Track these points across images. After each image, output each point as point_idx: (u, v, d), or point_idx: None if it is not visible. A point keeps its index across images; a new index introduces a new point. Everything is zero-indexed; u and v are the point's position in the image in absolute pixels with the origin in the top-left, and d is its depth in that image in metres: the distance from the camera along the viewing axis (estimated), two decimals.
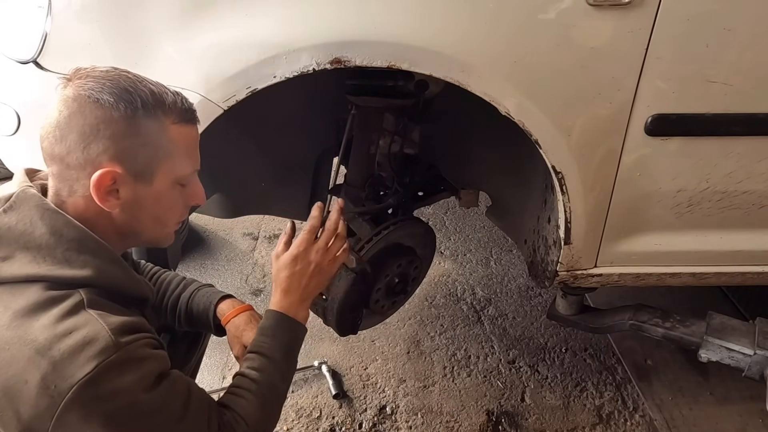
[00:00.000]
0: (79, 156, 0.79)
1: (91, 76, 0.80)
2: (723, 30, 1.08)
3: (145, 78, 0.85)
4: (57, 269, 0.78)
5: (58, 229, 0.79)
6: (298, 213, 1.80)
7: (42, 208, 0.80)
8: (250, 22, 1.07)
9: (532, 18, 1.06)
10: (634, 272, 1.43)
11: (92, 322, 0.75)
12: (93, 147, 0.79)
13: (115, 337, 0.74)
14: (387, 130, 1.52)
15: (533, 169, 1.43)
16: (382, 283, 1.50)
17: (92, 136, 0.78)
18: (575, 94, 1.13)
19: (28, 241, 0.78)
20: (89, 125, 0.78)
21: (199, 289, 1.23)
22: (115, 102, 0.79)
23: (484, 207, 1.97)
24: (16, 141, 1.26)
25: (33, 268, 0.77)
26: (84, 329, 0.73)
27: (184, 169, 0.89)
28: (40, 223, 0.79)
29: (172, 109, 0.84)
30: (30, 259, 0.78)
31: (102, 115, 0.78)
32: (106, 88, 0.79)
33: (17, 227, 0.79)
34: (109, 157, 0.80)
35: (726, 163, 1.24)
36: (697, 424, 1.81)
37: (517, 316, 2.27)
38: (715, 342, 1.53)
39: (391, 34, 1.06)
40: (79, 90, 0.78)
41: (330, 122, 1.60)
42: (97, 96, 0.78)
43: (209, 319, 1.18)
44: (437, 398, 1.89)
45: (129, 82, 0.81)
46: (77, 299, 0.77)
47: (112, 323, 0.76)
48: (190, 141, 0.89)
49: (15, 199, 0.81)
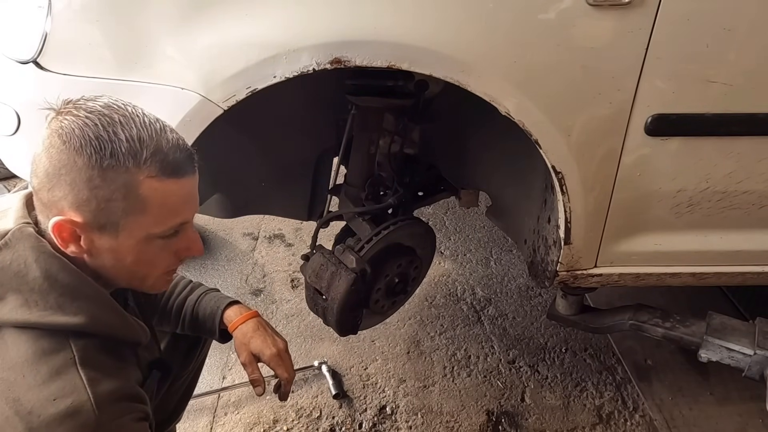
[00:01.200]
0: (45, 195, 0.76)
1: (72, 113, 0.74)
2: (723, 30, 1.08)
3: (141, 117, 0.77)
4: (49, 316, 0.74)
5: (52, 273, 0.76)
6: (298, 213, 1.80)
7: (38, 250, 0.76)
8: (250, 22, 1.07)
9: (532, 18, 1.06)
10: (634, 272, 1.43)
11: (79, 391, 0.72)
12: (56, 190, 0.74)
13: (99, 413, 0.72)
14: (387, 130, 1.52)
15: (533, 169, 1.43)
16: (382, 283, 1.50)
17: (55, 179, 0.74)
18: (575, 94, 1.13)
19: (21, 284, 0.75)
20: (53, 167, 0.73)
21: (206, 293, 1.22)
22: (80, 147, 0.72)
23: (484, 207, 1.97)
24: (16, 141, 1.26)
25: (24, 314, 0.74)
26: (69, 398, 0.71)
27: (159, 226, 0.81)
28: (34, 265, 0.75)
29: (152, 161, 0.76)
30: (22, 302, 0.74)
31: (65, 160, 0.73)
32: (78, 130, 0.72)
33: (11, 267, 0.75)
34: (68, 204, 0.75)
35: (726, 163, 1.24)
36: (697, 424, 1.81)
37: (517, 316, 2.27)
38: (715, 342, 1.53)
39: (391, 34, 1.06)
40: (54, 126, 0.74)
41: (330, 122, 1.60)
42: (65, 138, 0.72)
43: (214, 324, 1.17)
44: (437, 398, 1.89)
45: (108, 126, 0.74)
46: (68, 356, 0.74)
47: (100, 394, 0.73)
48: (170, 196, 0.79)
49: (11, 237, 0.77)
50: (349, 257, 1.39)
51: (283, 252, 2.65)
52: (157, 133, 0.77)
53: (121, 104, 0.77)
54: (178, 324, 1.21)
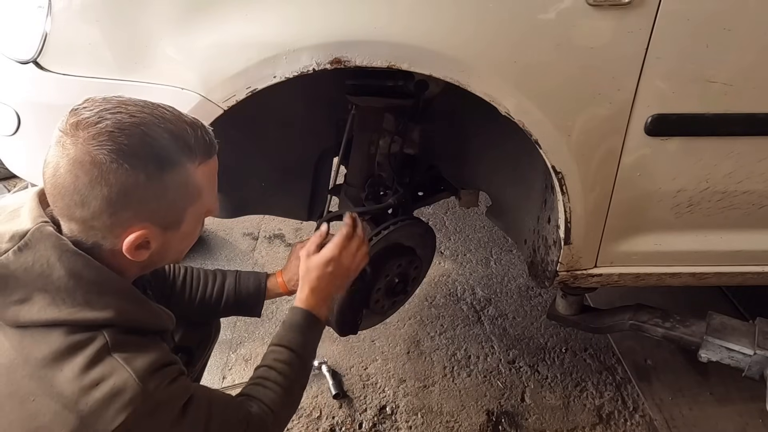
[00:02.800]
0: (106, 220, 0.75)
1: (104, 132, 0.71)
2: (723, 30, 1.08)
3: (160, 110, 0.77)
4: (77, 312, 0.75)
5: (77, 271, 0.76)
6: (298, 213, 1.80)
7: (60, 249, 0.76)
8: (250, 23, 1.06)
9: (532, 18, 1.06)
10: (634, 272, 1.43)
11: (118, 370, 0.73)
12: (121, 213, 0.75)
13: (143, 384, 0.73)
14: (387, 130, 1.52)
15: (533, 169, 1.43)
16: (382, 283, 1.50)
17: (120, 203, 0.74)
18: (575, 94, 1.13)
19: (46, 284, 0.75)
20: (116, 193, 0.73)
21: (238, 274, 1.34)
22: (141, 165, 0.73)
23: (484, 207, 1.97)
24: (16, 141, 1.26)
25: (53, 313, 0.74)
26: (111, 379, 0.72)
27: (211, 203, 0.87)
28: (58, 264, 0.75)
29: (196, 150, 0.79)
30: (49, 301, 0.74)
31: (129, 182, 0.73)
32: (128, 148, 0.72)
33: (34, 268, 0.75)
34: (139, 219, 0.77)
35: (726, 163, 1.24)
36: (697, 424, 1.81)
37: (517, 316, 2.27)
38: (715, 342, 1.53)
39: (391, 34, 1.06)
40: (96, 153, 0.71)
41: (330, 122, 1.60)
42: (120, 161, 0.72)
43: (259, 298, 1.32)
44: (437, 398, 1.89)
45: (148, 132, 0.74)
46: (101, 343, 0.75)
47: (139, 368, 0.75)
48: (214, 173, 0.86)
49: (30, 238, 0.76)
50: None
51: (283, 252, 2.65)
52: (181, 120, 0.79)
53: (126, 105, 0.76)
54: (219, 308, 1.29)
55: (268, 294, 1.33)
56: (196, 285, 1.29)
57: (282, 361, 1.03)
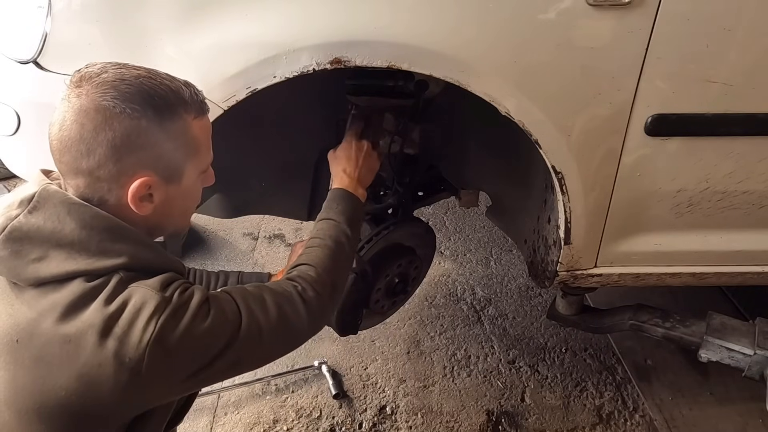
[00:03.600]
0: (111, 168, 0.78)
1: (106, 83, 0.76)
2: (723, 30, 1.08)
3: (155, 71, 0.82)
4: (94, 262, 0.77)
5: (87, 222, 0.78)
6: (298, 213, 1.80)
7: (68, 203, 0.78)
8: (249, 22, 1.06)
9: (532, 18, 1.06)
10: (634, 272, 1.43)
11: (137, 290, 0.78)
12: (126, 159, 0.78)
13: (161, 293, 0.78)
14: (387, 130, 1.52)
15: (533, 169, 1.43)
16: (382, 283, 1.50)
17: (124, 148, 0.77)
18: (575, 94, 1.13)
19: (60, 239, 0.77)
20: (120, 137, 0.76)
21: (241, 274, 1.35)
22: (142, 110, 0.77)
23: (484, 207, 1.97)
24: (16, 141, 1.26)
25: (71, 265, 0.77)
26: (133, 299, 0.76)
27: (208, 161, 0.91)
28: (68, 219, 0.77)
29: (191, 104, 0.83)
30: (66, 256, 0.77)
31: (132, 126, 0.76)
32: (129, 95, 0.76)
33: (46, 226, 0.77)
34: (143, 166, 0.79)
35: (726, 163, 1.24)
36: (697, 424, 1.81)
37: (517, 316, 2.27)
38: (715, 342, 1.53)
39: (391, 34, 1.06)
40: (100, 100, 0.75)
41: (330, 122, 1.60)
42: (123, 106, 0.75)
43: None
44: (437, 398, 1.89)
45: (148, 83, 0.79)
46: (117, 280, 0.78)
47: (152, 284, 0.79)
48: (208, 131, 0.89)
49: (38, 198, 0.79)
50: None
51: (283, 252, 2.65)
52: (176, 79, 0.83)
53: (123, 64, 0.80)
54: None
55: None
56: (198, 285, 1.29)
57: (323, 229, 1.09)
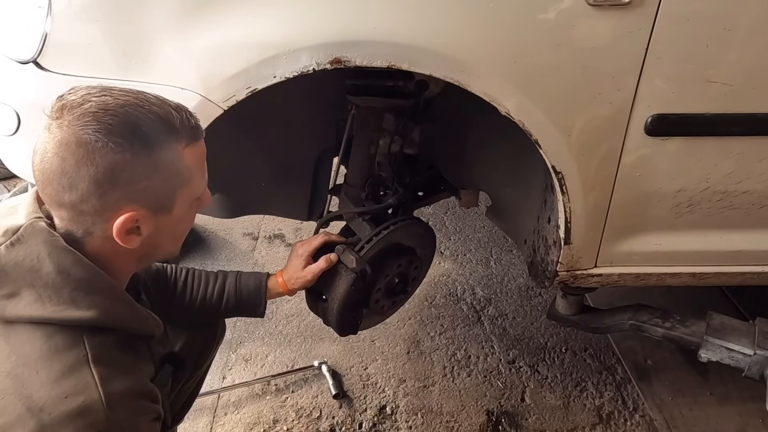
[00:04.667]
0: (95, 203, 0.75)
1: (88, 114, 0.72)
2: (723, 30, 1.08)
3: (144, 95, 0.78)
4: (63, 311, 0.74)
5: (65, 268, 0.75)
6: (298, 213, 1.80)
7: (50, 245, 0.76)
8: (250, 23, 1.06)
9: (532, 18, 1.06)
10: (634, 272, 1.43)
11: (90, 389, 0.72)
12: (110, 194, 0.75)
13: (109, 412, 0.72)
14: (387, 130, 1.52)
15: (533, 169, 1.43)
16: (382, 283, 1.50)
17: (107, 183, 0.74)
18: (575, 94, 1.13)
19: (34, 279, 0.75)
20: (102, 172, 0.73)
21: (239, 274, 1.35)
22: (127, 143, 0.73)
23: (484, 207, 1.97)
24: (15, 141, 1.26)
25: (38, 310, 0.74)
26: (80, 397, 0.71)
27: (201, 187, 0.87)
28: (47, 260, 0.75)
29: (182, 131, 0.79)
30: (36, 298, 0.74)
31: (115, 160, 0.73)
32: (112, 127, 0.72)
33: (24, 263, 0.75)
34: (128, 200, 0.76)
35: (726, 163, 1.24)
36: (697, 424, 1.81)
37: (517, 316, 2.27)
38: (715, 342, 1.53)
39: (391, 34, 1.06)
40: (81, 133, 0.71)
41: (330, 122, 1.60)
42: (105, 140, 0.72)
43: (260, 298, 1.32)
44: (437, 398, 1.89)
45: (134, 112, 0.74)
46: (81, 354, 0.74)
47: (111, 393, 0.73)
48: (201, 157, 0.86)
49: (23, 233, 0.76)
50: (349, 257, 1.39)
51: (283, 252, 2.65)
52: (165, 103, 0.79)
53: (110, 90, 0.77)
54: (219, 309, 1.29)
55: (269, 294, 1.33)
56: (197, 286, 1.29)
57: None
